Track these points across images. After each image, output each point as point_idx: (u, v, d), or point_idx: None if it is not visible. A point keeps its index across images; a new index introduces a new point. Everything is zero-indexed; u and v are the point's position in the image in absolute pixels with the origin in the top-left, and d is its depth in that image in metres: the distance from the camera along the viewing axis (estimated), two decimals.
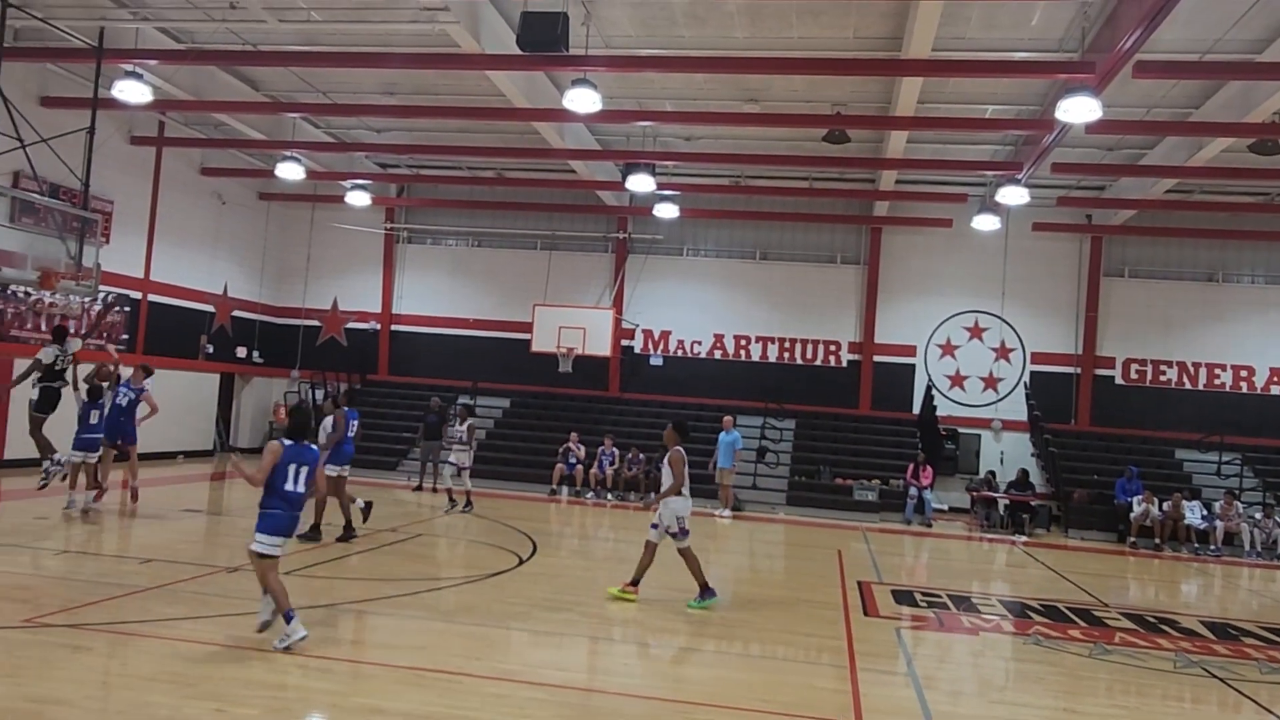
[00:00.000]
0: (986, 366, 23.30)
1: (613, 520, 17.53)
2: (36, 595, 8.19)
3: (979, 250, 22.92)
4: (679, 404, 23.81)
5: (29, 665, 6.21)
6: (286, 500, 7.14)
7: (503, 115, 17.31)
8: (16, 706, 5.41)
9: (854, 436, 22.91)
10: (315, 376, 24.78)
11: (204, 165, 22.67)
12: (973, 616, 10.31)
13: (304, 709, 5.97)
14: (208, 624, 7.57)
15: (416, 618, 8.39)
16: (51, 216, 14.31)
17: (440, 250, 25.93)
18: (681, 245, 24.71)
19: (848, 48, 14.51)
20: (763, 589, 12.02)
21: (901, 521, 19.33)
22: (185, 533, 12.53)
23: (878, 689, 7.16)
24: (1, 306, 17.26)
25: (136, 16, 14.69)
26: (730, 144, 19.86)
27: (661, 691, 6.68)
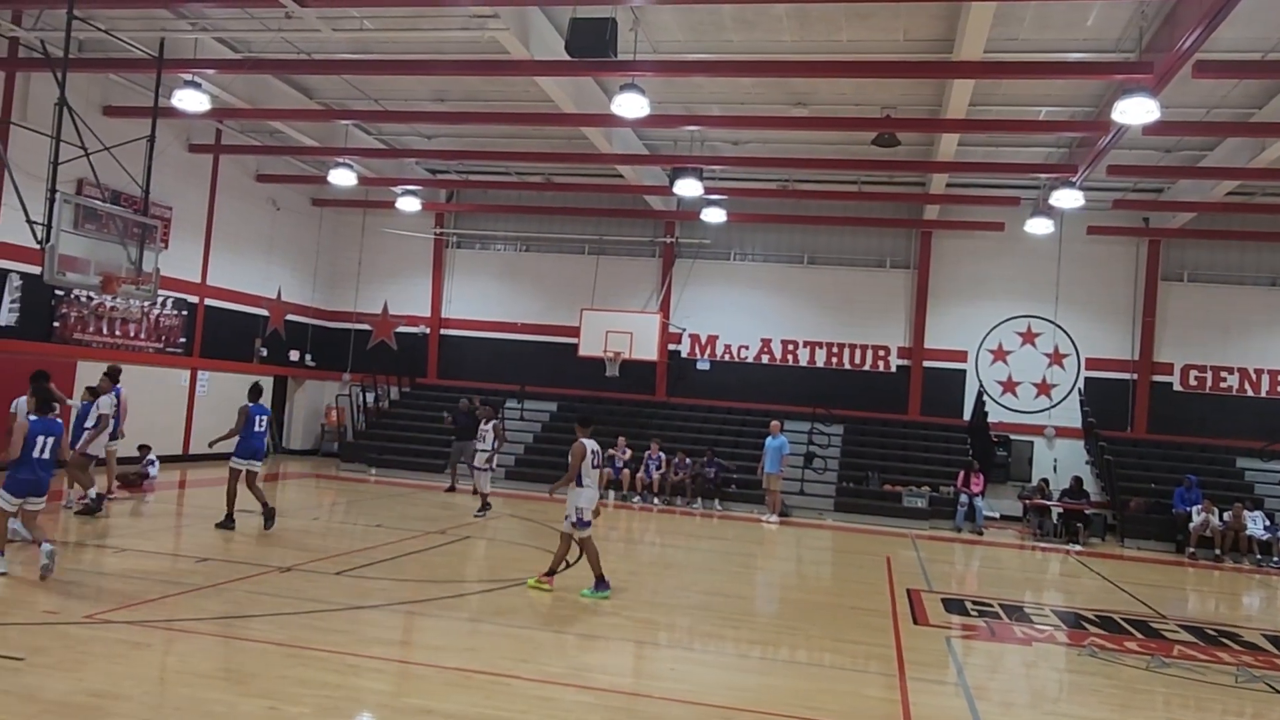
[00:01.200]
0: (1040, 372, 22.91)
1: (659, 525, 17.52)
2: (97, 592, 8.41)
3: (1032, 254, 22.55)
4: (726, 409, 23.77)
5: (90, 660, 6.37)
6: (33, 466, 8.68)
7: (551, 120, 17.42)
8: (78, 700, 5.54)
9: (903, 442, 22.66)
10: (366, 379, 25.11)
11: (259, 172, 23.10)
12: (1025, 626, 10.13)
13: (354, 708, 6.05)
14: (261, 622, 7.69)
15: (465, 619, 8.46)
16: (113, 222, 14.70)
17: (489, 255, 26.14)
18: (729, 249, 24.65)
19: (898, 50, 14.38)
20: (810, 595, 11.94)
21: (952, 529, 19.08)
22: (239, 533, 12.75)
23: (928, 698, 7.07)
24: (65, 310, 17.73)
25: (195, 27, 15.02)
26: (778, 148, 19.78)
27: (708, 697, 6.66)
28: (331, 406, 25.78)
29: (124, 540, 11.11)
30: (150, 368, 19.43)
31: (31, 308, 16.92)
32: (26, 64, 15.89)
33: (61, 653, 6.48)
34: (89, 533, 11.12)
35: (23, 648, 6.43)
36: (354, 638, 7.61)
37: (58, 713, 5.31)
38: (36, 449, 8.72)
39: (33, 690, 5.63)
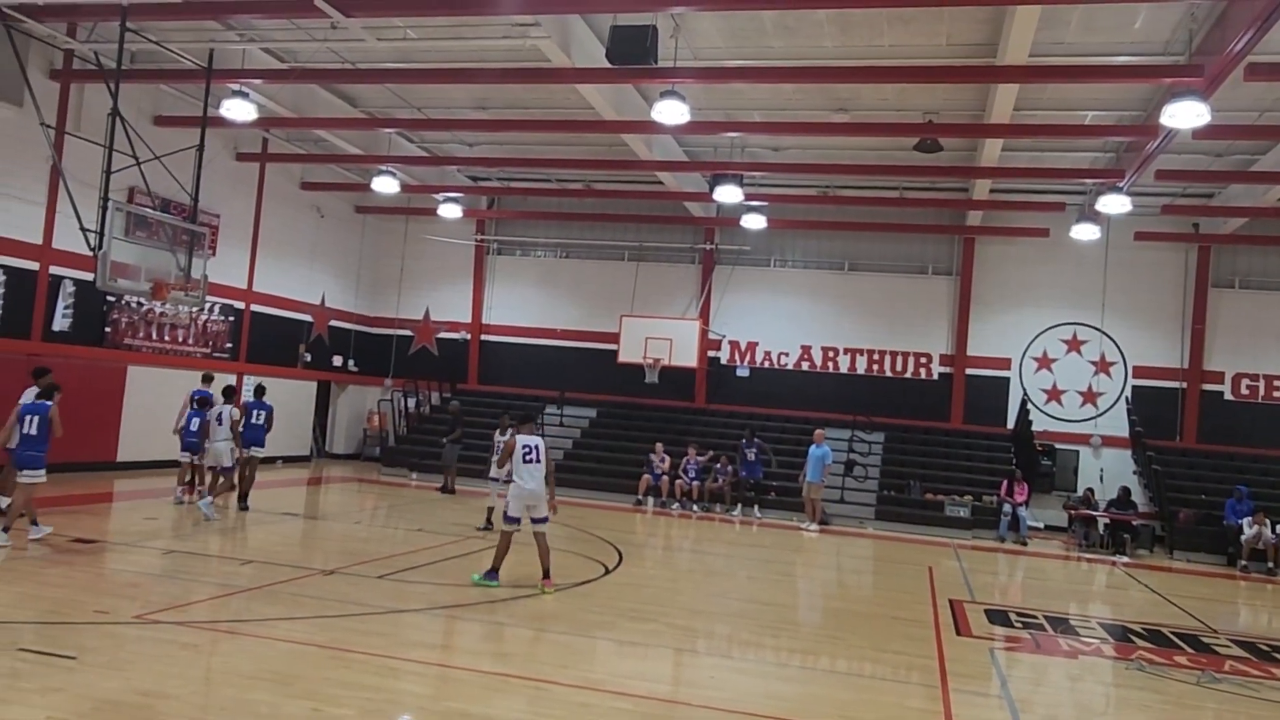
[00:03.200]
0: (1085, 380, 22.56)
1: (698, 532, 17.48)
2: (145, 592, 8.56)
3: (1077, 260, 22.23)
4: (765, 415, 23.66)
5: (138, 660, 6.48)
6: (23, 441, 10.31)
7: (591, 128, 17.49)
8: (127, 699, 5.65)
9: (945, 451, 22.41)
10: (407, 385, 25.34)
11: (304, 180, 23.44)
12: (1071, 639, 9.96)
13: (395, 710, 6.09)
14: (304, 625, 7.79)
15: (504, 624, 8.49)
16: (163, 230, 15.01)
17: (529, 261, 26.29)
18: (769, 256, 24.56)
19: (940, 55, 14.25)
20: (851, 604, 11.84)
21: (995, 539, 18.82)
22: (283, 535, 12.94)
23: (971, 710, 6.98)
24: (116, 316, 18.10)
25: (243, 38, 15.29)
26: (819, 154, 19.69)
27: (748, 706, 6.63)
28: (373, 411, 26.06)
29: (170, 541, 11.30)
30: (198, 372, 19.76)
31: (84, 313, 17.30)
32: (81, 75, 16.27)
33: (112, 652, 6.61)
34: (138, 534, 11.33)
35: (75, 647, 6.57)
36: (395, 641, 7.68)
37: (109, 711, 5.41)
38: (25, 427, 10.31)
39: (85, 688, 5.74)
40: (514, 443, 10.04)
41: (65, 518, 12.03)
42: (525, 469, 9.95)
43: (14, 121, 15.35)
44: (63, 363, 16.47)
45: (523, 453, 9.97)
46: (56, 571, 8.94)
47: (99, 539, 10.77)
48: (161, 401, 17.91)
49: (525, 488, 9.96)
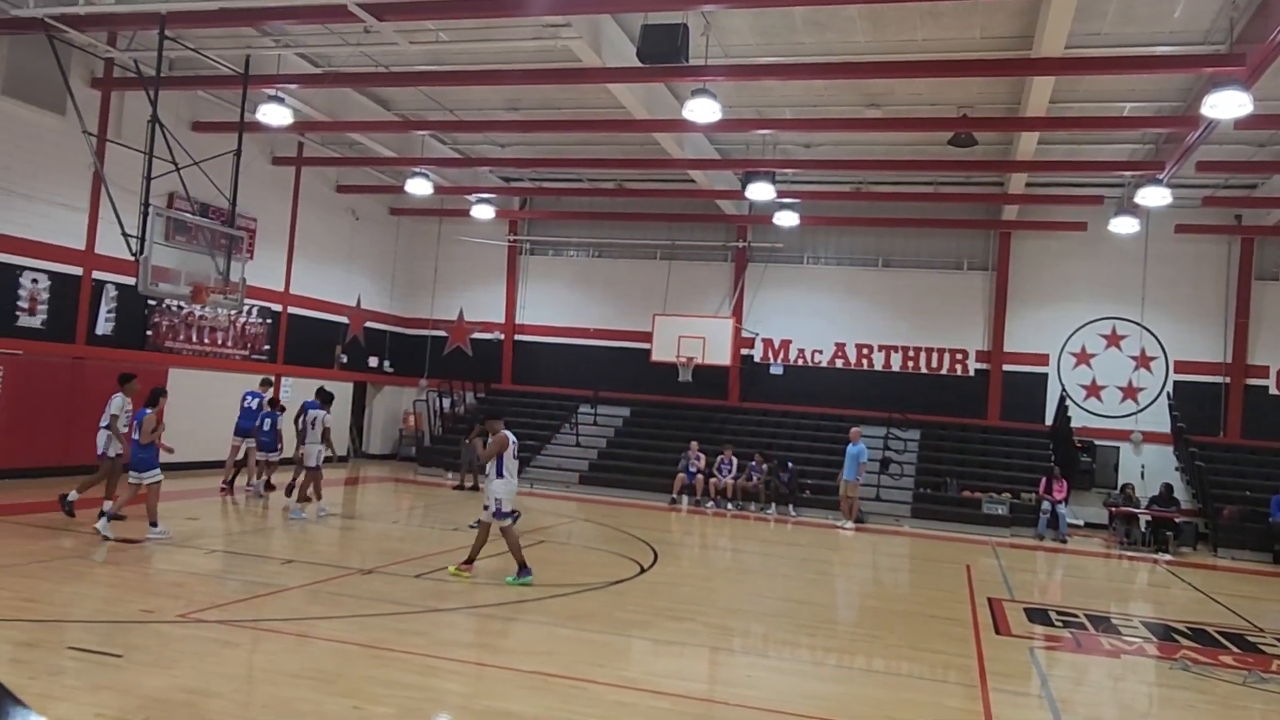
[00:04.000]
0: (1125, 376, 22.24)
1: (733, 530, 17.46)
2: (189, 591, 8.70)
3: (1116, 254, 21.91)
4: (800, 414, 23.58)
5: (183, 658, 6.59)
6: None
7: (623, 127, 17.52)
8: (173, 697, 5.74)
9: (982, 448, 22.20)
10: (442, 385, 25.52)
11: (339, 183, 23.68)
12: (1113, 638, 9.83)
13: (434, 709, 6.15)
14: (344, 624, 7.87)
15: (541, 623, 8.53)
16: (202, 234, 15.22)
17: (562, 261, 26.37)
18: (802, 253, 24.46)
19: (974, 48, 14.11)
20: (888, 603, 11.77)
21: (1034, 537, 18.61)
22: (322, 535, 13.07)
23: (1011, 710, 6.92)
24: (158, 319, 18.39)
25: (279, 44, 15.48)
26: (851, 150, 19.56)
27: (785, 705, 6.61)
28: (409, 412, 26.27)
29: (213, 541, 11.47)
30: (236, 374, 20.04)
31: (127, 317, 17.60)
32: (121, 83, 16.55)
33: (157, 650, 6.72)
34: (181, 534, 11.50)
35: (122, 645, 6.69)
36: (433, 640, 7.75)
37: (155, 708, 5.51)
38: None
39: (132, 686, 5.85)
40: (505, 439, 10.17)
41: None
42: (512, 464, 10.22)
43: (57, 130, 15.65)
44: (106, 366, 16.79)
45: (513, 448, 10.21)
46: (104, 571, 9.11)
47: (143, 539, 10.95)
48: (202, 403, 18.22)
49: (512, 482, 10.24)
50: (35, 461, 15.44)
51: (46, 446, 15.76)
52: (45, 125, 15.55)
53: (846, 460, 18.59)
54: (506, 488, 10.16)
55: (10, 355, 15.24)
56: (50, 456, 15.78)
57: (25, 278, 15.66)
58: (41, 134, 15.58)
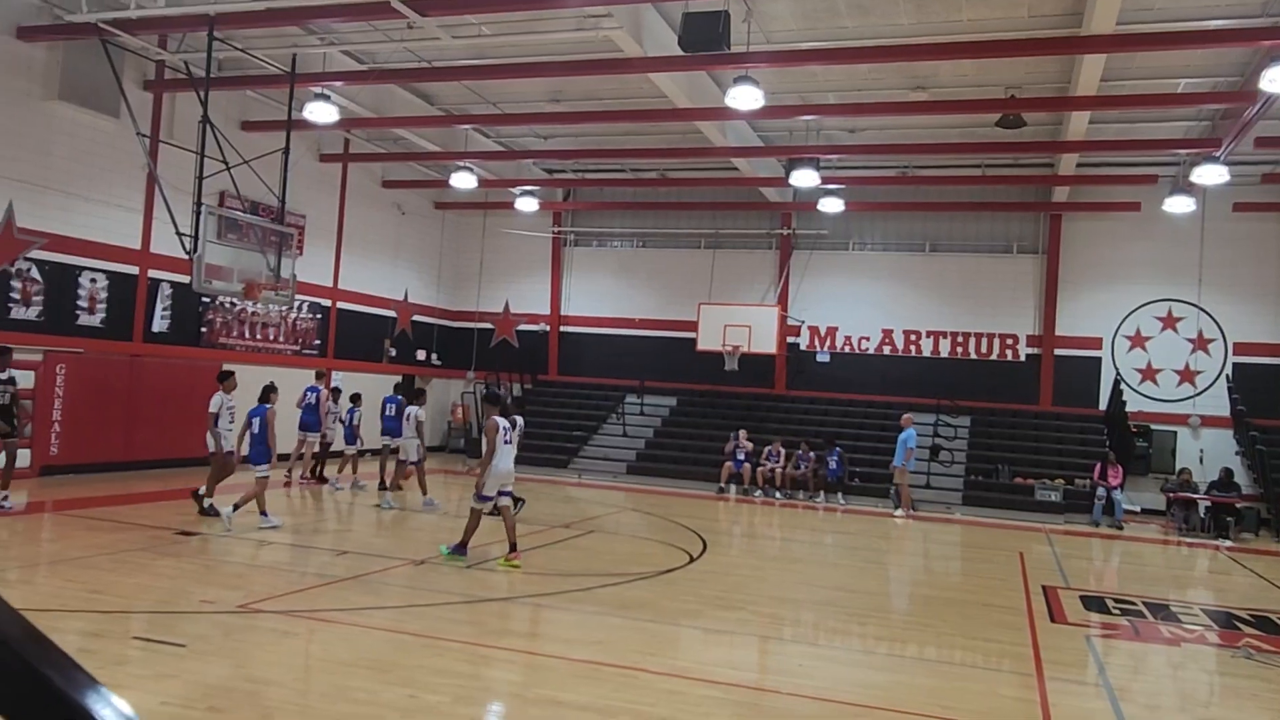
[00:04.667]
0: (1182, 358, 21.75)
1: (781, 519, 17.40)
2: (248, 583, 8.88)
3: (1171, 234, 21.41)
4: (847, 401, 23.42)
5: (243, 648, 6.74)
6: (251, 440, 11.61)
7: (665, 116, 17.47)
8: (235, 686, 5.88)
9: (1034, 434, 21.88)
10: (489, 377, 25.72)
11: (385, 178, 23.93)
12: (1172, 626, 9.66)
13: (488, 698, 6.23)
14: (397, 613, 7.99)
15: (592, 613, 8.59)
16: (253, 232, 15.49)
17: (606, 252, 26.41)
18: (847, 239, 24.24)
19: (1022, 27, 13.85)
20: (940, 591, 11.65)
21: (1089, 523, 18.32)
22: (374, 526, 13.27)
23: (1068, 699, 6.82)
24: (211, 316, 18.75)
25: (324, 42, 15.67)
26: (896, 134, 19.34)
27: (837, 694, 6.59)
28: (457, 404, 26.51)
29: (269, 533, 11.68)
30: (288, 369, 20.38)
31: (181, 314, 17.96)
32: (172, 85, 16.87)
33: (219, 640, 6.88)
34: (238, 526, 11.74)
35: (185, 635, 6.85)
36: (485, 629, 7.84)
37: (218, 697, 5.64)
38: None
39: (195, 675, 5.99)
40: (495, 424, 10.30)
41: (169, 511, 12.54)
42: (503, 448, 10.29)
43: (112, 132, 15.99)
44: (162, 363, 17.17)
45: (503, 434, 10.29)
46: (166, 563, 9.33)
47: (202, 531, 11.20)
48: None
49: (502, 467, 10.31)
50: (97, 457, 15.84)
51: (107, 442, 16.16)
52: (100, 128, 15.90)
53: (897, 446, 18.46)
54: (493, 472, 10.32)
55: (72, 354, 15.63)
56: (111, 452, 16.20)
57: (84, 278, 16.05)
58: (97, 137, 15.94)
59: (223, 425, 12.41)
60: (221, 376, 12.90)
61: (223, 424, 12.42)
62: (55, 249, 15.40)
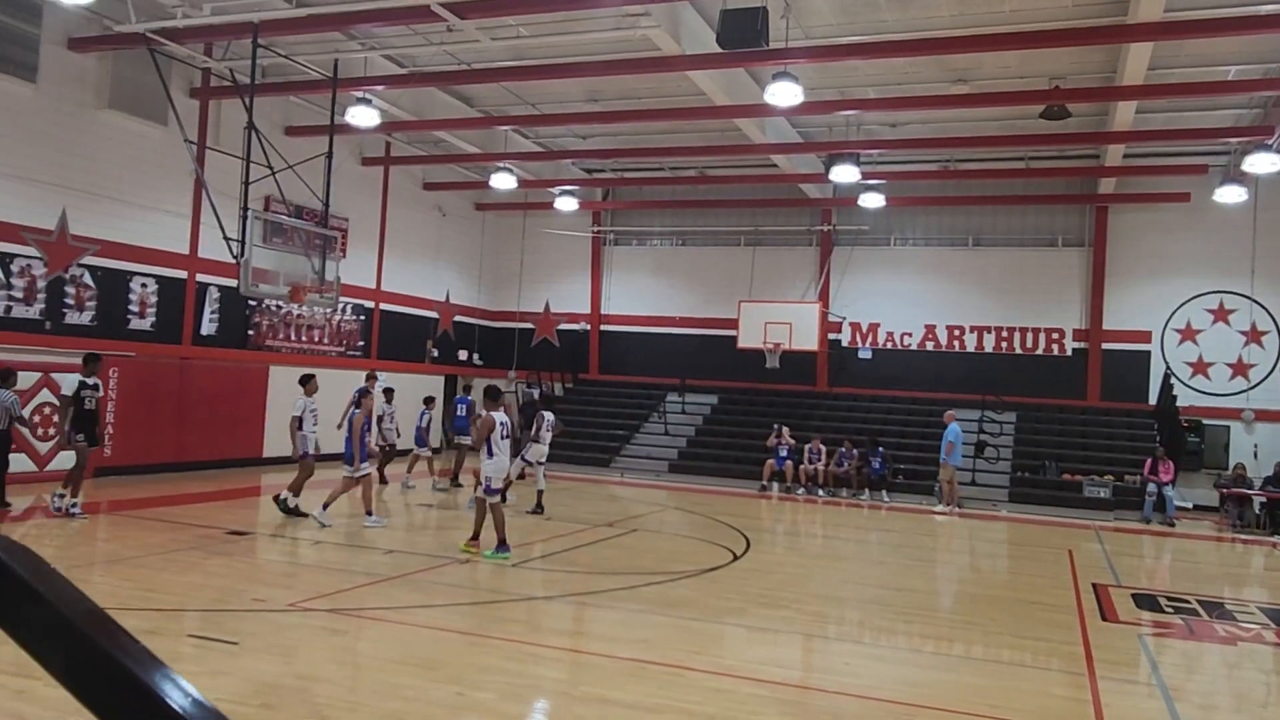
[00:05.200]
0: (1235, 352, 21.28)
1: (824, 517, 17.31)
2: (297, 581, 9.02)
3: (1222, 225, 20.95)
4: (890, 398, 23.22)
5: (295, 646, 6.85)
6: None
7: (704, 114, 17.44)
8: (286, 683, 5.97)
9: (1082, 429, 21.53)
10: (531, 376, 25.85)
11: (425, 180, 24.14)
12: (1228, 624, 9.47)
13: (535, 695, 6.27)
14: (444, 612, 8.07)
15: (637, 611, 8.60)
16: (298, 235, 15.71)
17: (645, 250, 26.42)
18: (888, 235, 24.04)
19: (1066, 17, 13.62)
20: (987, 589, 11.53)
21: (1139, 520, 18.00)
22: (420, 525, 13.40)
23: (1120, 699, 6.72)
24: (258, 319, 19.04)
25: (365, 47, 15.85)
26: (938, 127, 19.13)
27: (885, 693, 6.54)
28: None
29: (317, 532, 11.84)
30: (333, 370, 20.66)
31: (229, 318, 18.27)
32: (218, 92, 17.15)
33: (270, 638, 6.99)
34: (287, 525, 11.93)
35: (237, 633, 6.98)
36: (531, 627, 7.90)
37: (271, 693, 5.73)
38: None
39: (248, 672, 6.10)
40: (492, 420, 10.53)
41: (219, 511, 12.76)
42: (501, 444, 10.52)
43: (160, 139, 16.30)
44: (211, 366, 17.48)
45: (500, 429, 10.50)
46: (218, 562, 9.49)
47: (252, 531, 11.39)
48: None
49: (503, 460, 10.56)
50: (149, 458, 16.16)
51: (159, 444, 16.48)
52: (149, 135, 16.22)
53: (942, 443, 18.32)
54: (495, 466, 10.54)
55: (124, 357, 15.96)
56: (163, 454, 16.51)
57: (135, 282, 16.38)
58: (146, 144, 16.26)
59: (307, 428, 12.61)
60: (303, 380, 13.18)
61: (307, 426, 12.61)
62: (107, 255, 15.74)
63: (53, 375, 14.68)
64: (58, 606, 0.95)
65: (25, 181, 14.47)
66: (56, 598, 0.96)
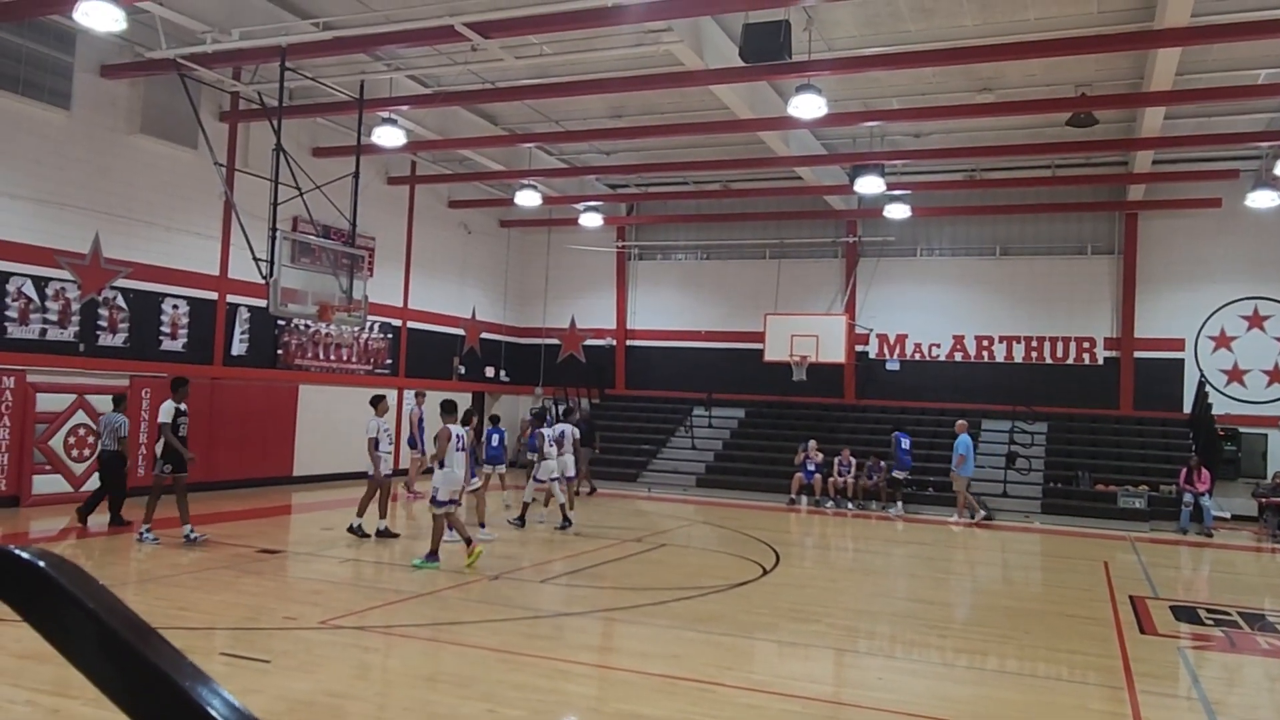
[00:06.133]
0: (1271, 358, 20.94)
1: (854, 530, 17.17)
2: (327, 599, 9.04)
3: (1255, 230, 20.67)
4: (918, 410, 23.04)
5: (325, 663, 6.86)
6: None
7: (727, 128, 17.45)
8: (318, 700, 5.98)
9: (1115, 439, 21.26)
10: (557, 392, 25.89)
11: (451, 198, 24.30)
12: (1271, 637, 9.28)
13: (566, 711, 6.24)
14: (475, 629, 8.06)
15: (667, 626, 8.56)
16: (325, 255, 15.83)
17: (670, 265, 26.44)
18: (915, 245, 23.91)
19: (1091, 24, 13.55)
20: (1021, 602, 11.37)
21: (1176, 531, 17.70)
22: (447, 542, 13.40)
23: (1161, 713, 6.59)
24: (287, 339, 19.21)
25: (390, 67, 16.01)
26: (963, 137, 19.05)
27: (919, 708, 6.46)
28: (526, 420, 26.70)
29: (345, 550, 11.89)
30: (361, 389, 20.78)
31: (259, 338, 18.44)
32: (246, 115, 17.38)
33: (301, 656, 7.01)
34: (317, 543, 11.98)
35: (269, 651, 7.01)
36: (561, 644, 7.87)
37: (303, 711, 5.74)
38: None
39: (280, 690, 6.11)
40: (448, 432, 10.65)
41: (250, 529, 12.85)
42: (455, 456, 10.64)
43: (190, 163, 16.53)
44: (242, 386, 17.63)
45: (455, 442, 10.64)
46: (249, 580, 9.55)
47: (282, 549, 11.45)
48: (329, 418, 18.95)
49: (456, 473, 10.66)
50: None
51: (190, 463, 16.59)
52: (180, 159, 16.45)
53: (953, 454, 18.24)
54: (445, 478, 10.67)
55: (156, 378, 16.13)
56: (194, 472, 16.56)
57: (167, 304, 16.59)
58: (177, 167, 16.49)
59: (382, 448, 12.68)
60: (373, 401, 13.28)
61: (383, 447, 12.69)
62: (139, 277, 15.95)
63: (87, 397, 14.87)
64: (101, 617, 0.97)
65: (59, 206, 14.71)
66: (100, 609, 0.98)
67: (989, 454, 20.92)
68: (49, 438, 14.45)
